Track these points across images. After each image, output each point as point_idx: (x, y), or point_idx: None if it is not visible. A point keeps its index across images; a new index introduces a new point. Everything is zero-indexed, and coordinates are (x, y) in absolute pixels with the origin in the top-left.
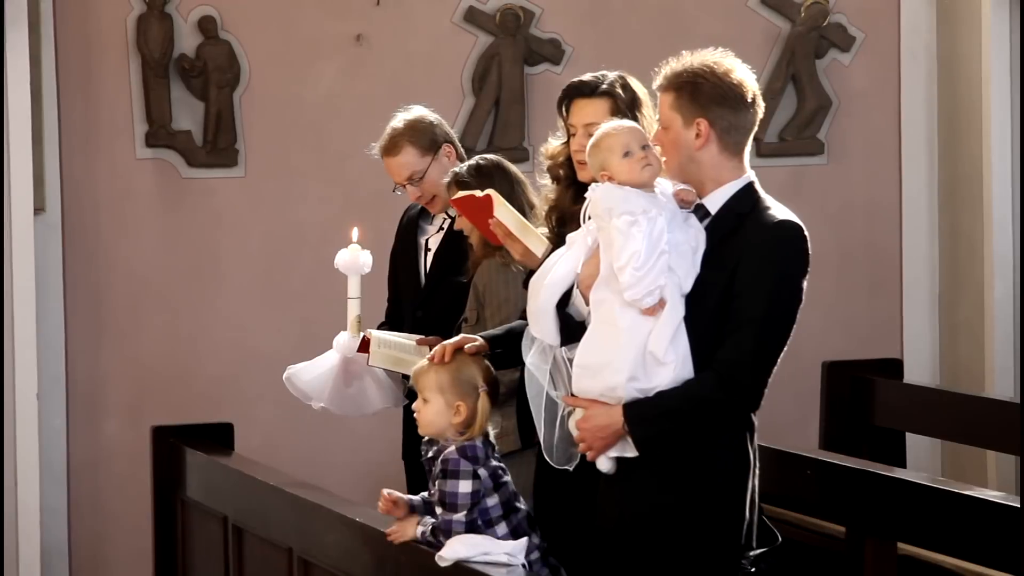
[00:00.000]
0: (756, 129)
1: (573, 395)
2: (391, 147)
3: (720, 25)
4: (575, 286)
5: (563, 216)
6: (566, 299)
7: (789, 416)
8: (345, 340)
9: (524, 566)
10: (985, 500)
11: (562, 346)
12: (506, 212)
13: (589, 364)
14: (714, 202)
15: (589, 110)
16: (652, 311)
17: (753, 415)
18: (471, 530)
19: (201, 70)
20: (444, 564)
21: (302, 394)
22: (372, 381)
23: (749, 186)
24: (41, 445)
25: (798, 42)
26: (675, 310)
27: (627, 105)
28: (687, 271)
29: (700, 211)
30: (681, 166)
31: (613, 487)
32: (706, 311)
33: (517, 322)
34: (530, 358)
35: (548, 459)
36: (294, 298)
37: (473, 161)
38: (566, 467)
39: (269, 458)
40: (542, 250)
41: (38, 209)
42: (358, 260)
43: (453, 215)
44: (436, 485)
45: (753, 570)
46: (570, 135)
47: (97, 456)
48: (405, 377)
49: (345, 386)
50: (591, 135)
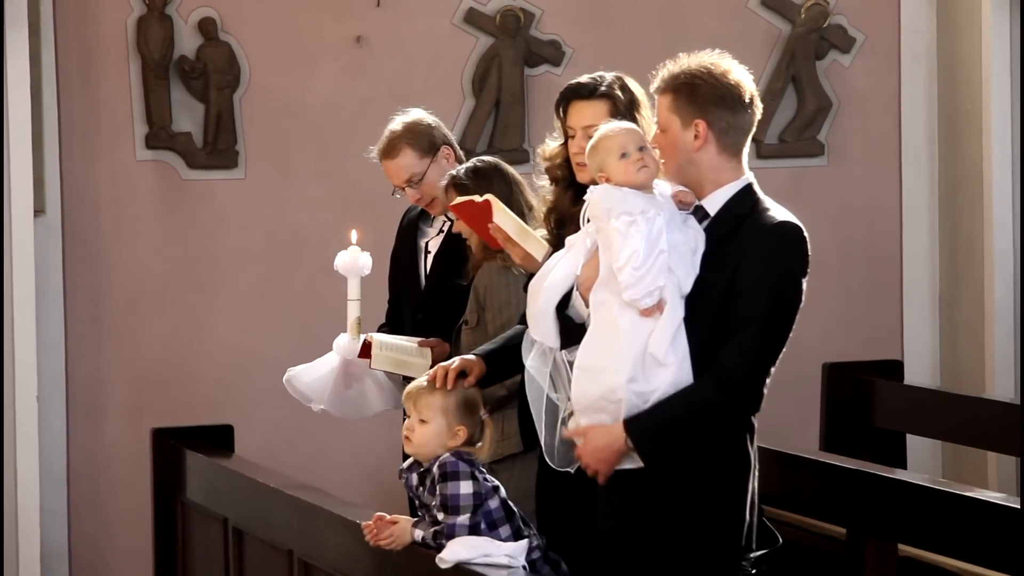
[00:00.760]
0: (754, 130)
1: (570, 401)
2: (390, 150)
3: (720, 26)
4: (575, 288)
5: (562, 218)
6: (566, 301)
7: (789, 418)
8: (345, 342)
9: (525, 567)
10: (986, 501)
11: (562, 349)
12: (505, 217)
13: (589, 366)
14: (713, 203)
15: (588, 112)
16: (650, 312)
17: (753, 417)
18: (474, 533)
19: (201, 72)
20: (444, 566)
21: (302, 396)
22: (372, 383)
23: (748, 187)
24: (41, 447)
25: (798, 43)
26: (675, 311)
27: (626, 106)
28: (687, 272)
29: (699, 212)
30: (680, 168)
31: (613, 489)
32: (706, 312)
33: (513, 330)
34: (530, 361)
35: (549, 461)
36: (294, 300)
37: (471, 163)
38: (567, 469)
39: (269, 460)
40: (542, 254)
41: (38, 211)
42: (358, 262)
43: (452, 217)
44: (437, 490)
45: (754, 572)
46: (568, 137)
47: (97, 458)
48: (406, 379)
49: (345, 388)
50: (590, 137)
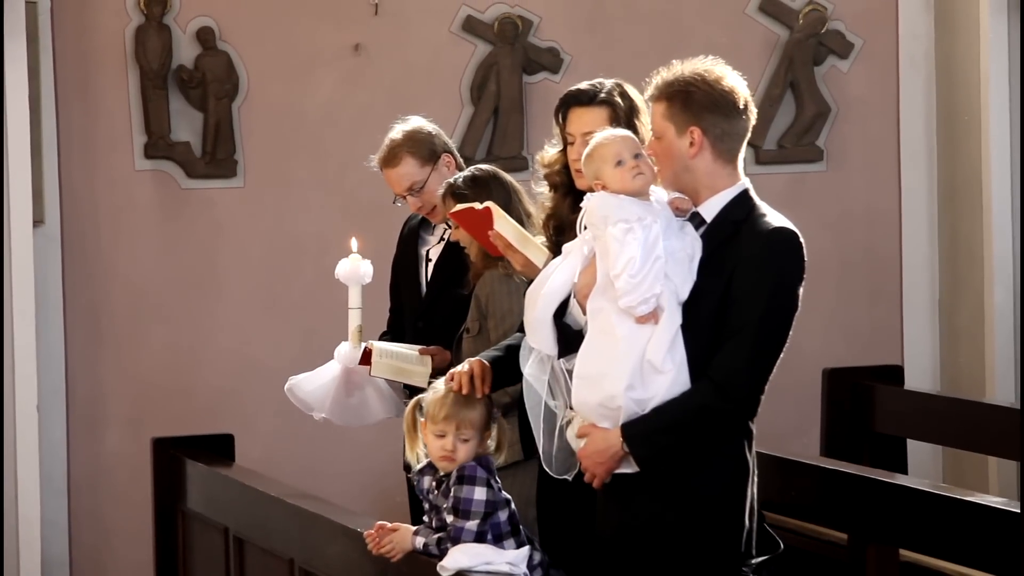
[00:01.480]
0: (749, 135)
1: (571, 407)
2: (390, 158)
3: (719, 33)
4: (572, 296)
5: (561, 224)
6: (563, 309)
7: (790, 423)
8: (346, 350)
9: (526, 575)
10: (986, 506)
11: (560, 357)
12: (505, 224)
13: (587, 374)
14: (709, 210)
15: (587, 119)
16: (647, 319)
17: (751, 423)
18: (479, 542)
19: (200, 81)
20: (445, 574)
21: (304, 405)
22: (373, 391)
23: (744, 193)
24: (41, 458)
25: (796, 49)
26: (672, 318)
27: (625, 113)
28: (684, 279)
29: (696, 219)
30: (676, 175)
31: (612, 496)
32: (703, 319)
33: (515, 336)
34: (528, 369)
35: (547, 469)
36: (294, 308)
37: (468, 171)
38: (565, 477)
39: (270, 469)
40: (542, 260)
41: (37, 221)
42: (358, 270)
43: (452, 225)
44: (452, 492)
45: None
46: (568, 143)
47: (97, 468)
48: (407, 387)
49: (346, 396)
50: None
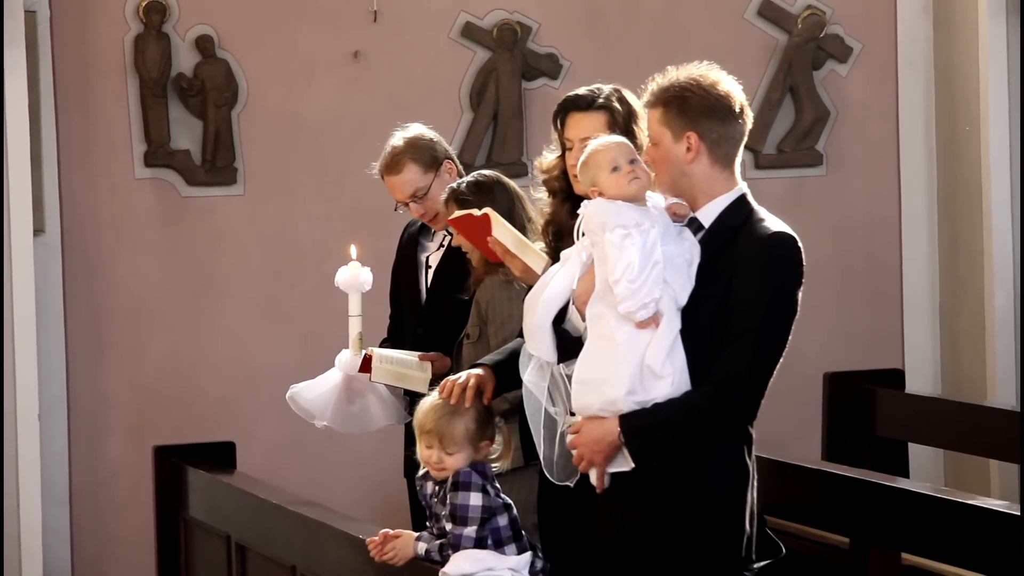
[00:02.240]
0: (745, 140)
1: (572, 413)
2: (393, 165)
3: (717, 37)
4: (571, 302)
5: (560, 230)
6: (562, 315)
7: (791, 428)
8: (347, 358)
9: None
10: (988, 509)
11: (559, 363)
12: (504, 230)
13: (588, 379)
14: (707, 215)
15: (585, 124)
16: (647, 324)
17: (750, 428)
18: (480, 548)
19: (199, 89)
20: None
21: (305, 413)
22: (375, 398)
23: (741, 198)
24: (43, 466)
25: (795, 53)
26: (671, 323)
27: (624, 118)
28: (682, 284)
29: (693, 224)
30: (673, 181)
31: (612, 502)
32: (702, 324)
33: (516, 341)
34: (528, 375)
35: (548, 475)
36: (295, 316)
37: (471, 177)
38: (566, 483)
39: (271, 476)
40: (541, 266)
41: (37, 230)
42: (358, 278)
43: (452, 231)
44: (448, 499)
45: None
46: (566, 149)
47: (99, 477)
48: (407, 393)
49: (348, 404)
50: None
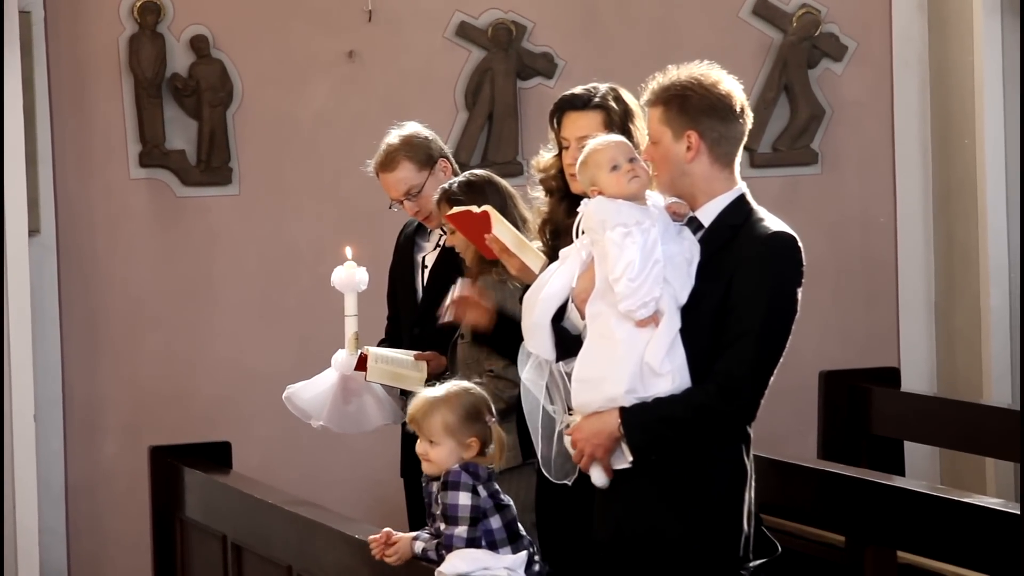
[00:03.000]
0: (745, 140)
1: (570, 411)
2: (388, 163)
3: (712, 36)
4: (570, 300)
5: (557, 229)
6: (561, 313)
7: (787, 426)
8: (343, 358)
9: None
10: (984, 507)
11: (558, 361)
12: (503, 228)
13: (587, 377)
14: (707, 214)
15: (582, 123)
16: (647, 323)
17: (749, 427)
18: (473, 547)
19: (194, 89)
20: None
21: (302, 413)
22: (371, 398)
23: (741, 198)
24: (39, 467)
25: (790, 52)
26: (671, 322)
27: (620, 117)
28: (682, 283)
29: (693, 224)
30: (673, 180)
31: (610, 500)
32: (701, 322)
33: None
34: (526, 373)
35: (546, 473)
36: (291, 316)
37: (463, 177)
38: (564, 481)
39: (268, 476)
40: (539, 265)
41: (33, 231)
42: (354, 278)
43: (447, 230)
44: (439, 498)
45: None
46: (563, 148)
47: (95, 477)
48: (403, 393)
49: (344, 404)
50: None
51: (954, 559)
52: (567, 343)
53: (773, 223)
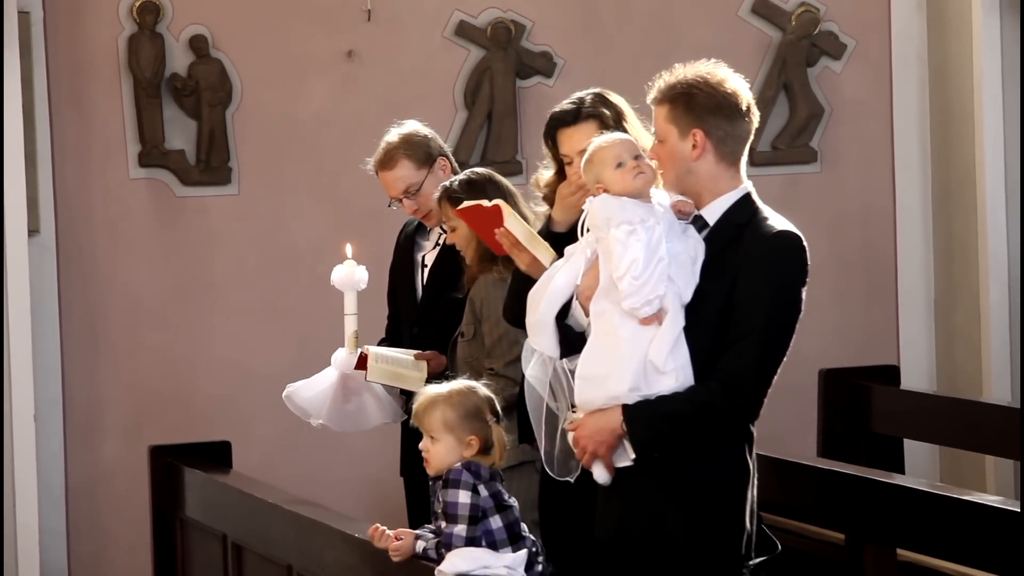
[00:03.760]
0: (752, 138)
1: (573, 408)
2: (387, 161)
3: (711, 35)
4: (574, 297)
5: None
6: (565, 311)
7: (787, 424)
8: (343, 356)
9: None
10: (984, 505)
11: (562, 358)
12: (515, 222)
13: (591, 375)
14: (712, 213)
15: (577, 137)
16: (650, 321)
17: (751, 426)
18: (473, 547)
19: (193, 89)
20: None
21: (301, 412)
22: (371, 397)
23: (746, 196)
24: (39, 467)
25: (789, 50)
26: (675, 320)
27: (614, 121)
28: (687, 281)
29: (698, 222)
30: (678, 178)
31: (611, 498)
32: (705, 321)
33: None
34: (530, 370)
35: (548, 470)
36: (290, 315)
37: (464, 175)
38: (567, 479)
39: (268, 476)
40: (549, 259)
41: (32, 231)
42: (354, 276)
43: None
44: (440, 496)
45: None
46: (566, 164)
47: (95, 477)
48: (403, 392)
49: (344, 403)
50: None
51: (954, 557)
52: (571, 340)
53: (778, 222)
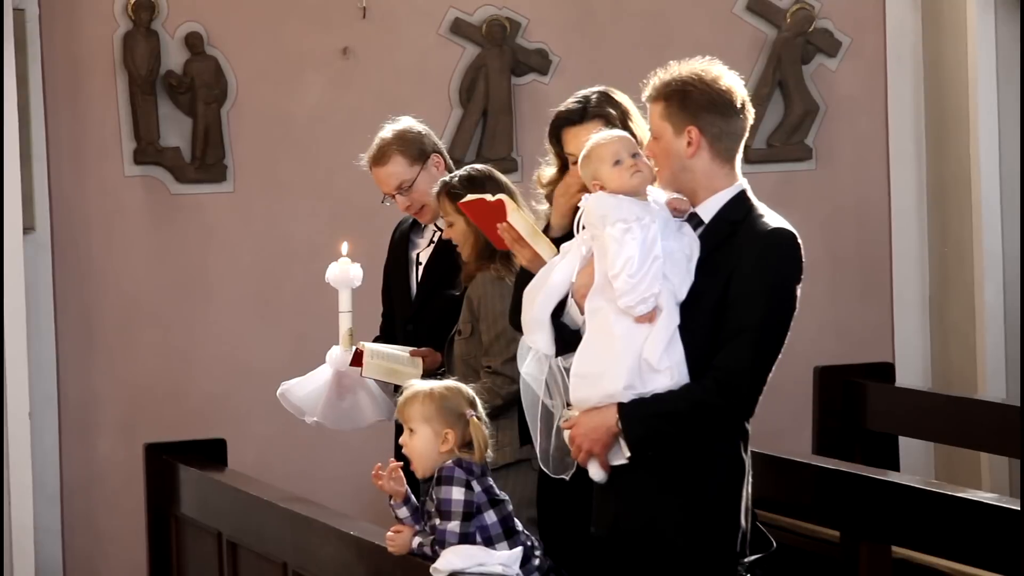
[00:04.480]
0: (747, 136)
1: (569, 405)
2: (380, 157)
3: (706, 32)
4: (570, 295)
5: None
6: (561, 308)
7: (782, 422)
8: (338, 354)
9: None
10: (979, 502)
11: (557, 356)
12: (518, 217)
13: (586, 373)
14: (707, 210)
15: (584, 136)
16: (645, 319)
17: (746, 423)
18: (467, 543)
19: (188, 86)
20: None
21: (296, 409)
22: (366, 394)
23: (742, 194)
24: (34, 464)
25: (784, 48)
26: (670, 318)
27: (619, 120)
28: (682, 279)
29: (693, 219)
30: (674, 175)
31: (607, 495)
32: (700, 318)
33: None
34: (526, 367)
35: (544, 468)
36: (285, 313)
37: (464, 171)
38: (562, 476)
39: (263, 473)
40: (551, 255)
41: (27, 228)
42: (348, 274)
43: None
44: (433, 494)
45: None
46: (571, 164)
47: (90, 474)
48: (398, 389)
49: (339, 400)
50: None
51: (949, 554)
52: (567, 338)
53: (773, 219)
